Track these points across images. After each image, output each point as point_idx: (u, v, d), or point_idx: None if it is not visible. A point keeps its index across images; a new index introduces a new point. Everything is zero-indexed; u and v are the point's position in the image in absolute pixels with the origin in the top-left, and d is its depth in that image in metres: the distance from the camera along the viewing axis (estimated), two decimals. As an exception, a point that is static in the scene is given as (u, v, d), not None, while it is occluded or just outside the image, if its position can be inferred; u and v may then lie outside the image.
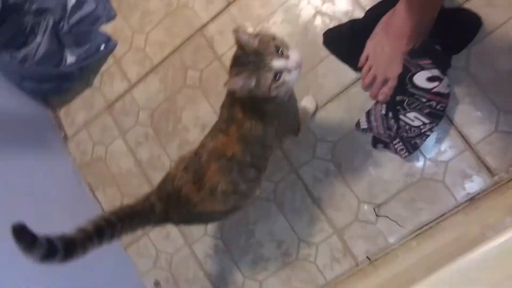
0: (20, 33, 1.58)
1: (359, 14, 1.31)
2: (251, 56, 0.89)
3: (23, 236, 0.79)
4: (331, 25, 1.34)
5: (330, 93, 1.33)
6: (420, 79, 1.14)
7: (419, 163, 1.24)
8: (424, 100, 1.14)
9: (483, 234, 0.94)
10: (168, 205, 1.05)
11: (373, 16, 1.25)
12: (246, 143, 1.00)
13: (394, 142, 1.22)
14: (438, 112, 1.15)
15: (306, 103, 1.32)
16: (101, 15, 1.60)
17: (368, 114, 1.27)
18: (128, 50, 1.60)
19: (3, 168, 1.36)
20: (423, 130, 1.17)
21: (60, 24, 1.61)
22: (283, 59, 0.89)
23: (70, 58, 1.62)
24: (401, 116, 1.19)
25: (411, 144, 1.20)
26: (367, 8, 1.29)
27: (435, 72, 1.13)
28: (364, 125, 1.27)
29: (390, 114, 1.21)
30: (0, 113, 1.50)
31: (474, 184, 1.19)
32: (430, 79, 1.13)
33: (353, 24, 1.31)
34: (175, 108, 1.53)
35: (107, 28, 1.62)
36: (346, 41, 1.31)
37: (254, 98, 0.93)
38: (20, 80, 1.56)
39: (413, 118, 1.17)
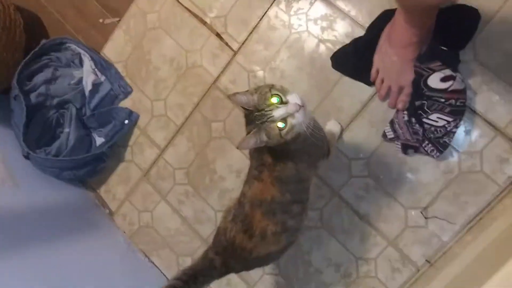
0: (47, 127, 1.67)
1: (360, 32, 1.35)
2: (255, 112, 0.92)
3: None
4: (336, 49, 1.38)
5: (351, 113, 1.37)
6: (434, 81, 1.17)
7: (454, 159, 1.26)
8: (442, 100, 1.17)
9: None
10: (226, 257, 1.09)
11: (374, 31, 1.29)
12: (281, 184, 1.02)
13: (424, 145, 1.25)
14: (459, 108, 1.18)
15: (331, 127, 1.36)
16: (118, 93, 1.68)
17: (392, 123, 1.30)
18: (151, 119, 1.67)
19: (61, 257, 1.42)
20: (449, 128, 1.19)
21: (82, 111, 1.71)
22: (283, 106, 0.91)
23: (98, 140, 1.71)
24: (424, 120, 1.22)
25: (440, 144, 1.22)
26: (366, 25, 1.33)
27: (447, 71, 1.16)
28: (390, 134, 1.30)
29: (413, 120, 1.24)
30: (46, 206, 1.58)
31: (513, 166, 1.21)
32: (444, 79, 1.16)
33: (356, 43, 1.35)
34: (207, 161, 1.58)
35: (126, 103, 1.70)
36: (353, 59, 1.35)
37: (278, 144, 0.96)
38: (59, 172, 1.64)
39: (436, 119, 1.20)
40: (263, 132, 0.92)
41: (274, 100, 0.92)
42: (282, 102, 0.92)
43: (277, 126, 0.91)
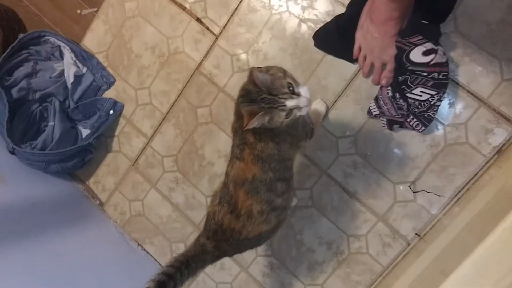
0: (32, 122, 1.65)
1: (341, 10, 1.34)
2: (264, 94, 0.92)
3: None
4: (317, 28, 1.37)
5: (336, 91, 1.37)
6: (416, 55, 1.16)
7: (440, 132, 1.27)
8: (425, 74, 1.17)
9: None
10: (218, 240, 1.10)
11: (355, 8, 1.28)
12: (262, 163, 1.02)
13: (409, 120, 1.25)
14: (442, 81, 1.18)
15: (316, 106, 1.36)
16: (101, 84, 1.67)
17: (376, 99, 1.30)
18: (136, 108, 1.66)
19: (54, 251, 1.43)
20: (432, 102, 1.20)
21: (66, 103, 1.69)
22: (295, 98, 0.93)
23: (84, 131, 1.70)
24: (408, 94, 1.22)
25: (425, 118, 1.23)
26: (347, 2, 1.32)
27: (428, 45, 1.15)
28: (375, 111, 1.31)
29: (397, 95, 1.24)
30: (34, 201, 1.57)
31: (497, 137, 1.22)
32: (425, 53, 1.15)
33: (338, 20, 1.34)
34: (196, 147, 1.58)
35: (110, 93, 1.68)
36: (335, 38, 1.34)
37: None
38: (45, 166, 1.62)
39: (420, 93, 1.20)
40: (268, 116, 0.92)
41: (288, 88, 0.93)
42: (293, 92, 0.93)
43: (284, 115, 0.93)
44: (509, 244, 0.81)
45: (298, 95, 0.94)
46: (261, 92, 0.92)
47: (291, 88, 0.94)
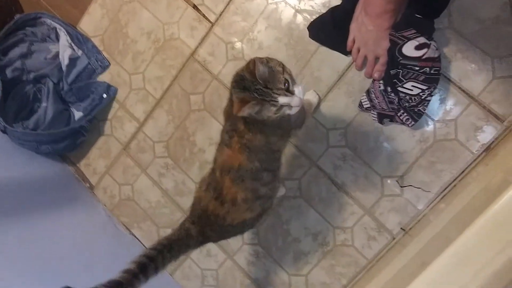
0: (25, 102, 1.65)
1: (337, 2, 1.34)
2: (258, 85, 0.91)
3: None
4: (313, 19, 1.38)
5: (329, 83, 1.38)
6: (409, 49, 1.17)
7: (429, 127, 1.28)
8: (417, 68, 1.17)
9: (506, 180, 0.97)
10: (202, 225, 1.10)
11: (351, 0, 1.28)
12: (249, 152, 1.02)
13: (399, 114, 1.25)
14: (433, 76, 1.18)
15: (309, 97, 1.36)
16: (96, 67, 1.67)
17: (368, 93, 1.31)
18: (129, 92, 1.66)
19: (42, 233, 1.43)
20: (423, 97, 1.20)
21: (60, 85, 1.69)
22: (289, 96, 0.93)
23: (77, 114, 1.70)
24: (399, 88, 1.22)
25: (415, 112, 1.23)
26: (343, -6, 1.33)
27: (421, 39, 1.16)
28: (366, 104, 1.31)
29: (389, 89, 1.24)
30: (24, 181, 1.57)
31: (486, 134, 1.22)
32: (418, 47, 1.16)
33: (333, 12, 1.34)
34: (187, 134, 1.58)
35: (104, 77, 1.68)
36: (330, 29, 1.35)
37: None
38: (37, 146, 1.62)
39: (411, 87, 1.20)
40: (258, 107, 0.92)
41: (284, 84, 0.93)
42: (288, 90, 0.93)
43: (274, 110, 0.93)
44: (490, 236, 0.82)
45: (292, 93, 0.94)
46: (256, 83, 0.91)
47: (286, 85, 0.93)
